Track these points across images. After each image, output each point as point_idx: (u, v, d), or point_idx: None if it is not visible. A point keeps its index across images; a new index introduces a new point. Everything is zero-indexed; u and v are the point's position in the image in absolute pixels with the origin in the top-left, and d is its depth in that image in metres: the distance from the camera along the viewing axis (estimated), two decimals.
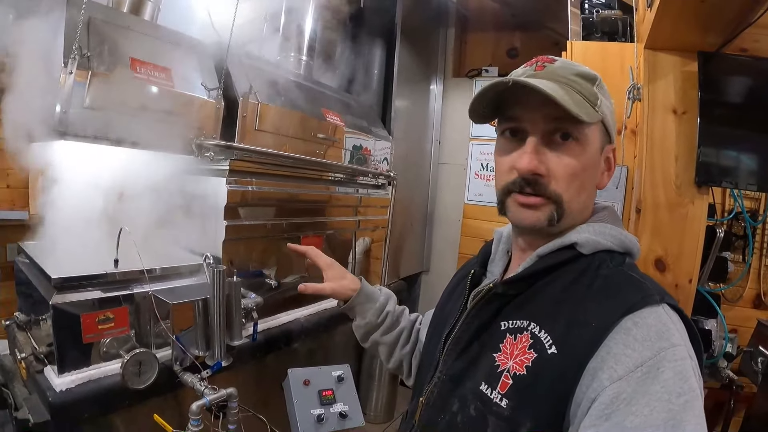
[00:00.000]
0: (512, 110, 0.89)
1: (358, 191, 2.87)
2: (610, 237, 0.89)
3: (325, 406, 1.50)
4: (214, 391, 1.55)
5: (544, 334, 0.80)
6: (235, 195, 2.00)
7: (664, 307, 0.77)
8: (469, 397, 0.87)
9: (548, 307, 0.84)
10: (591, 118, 0.83)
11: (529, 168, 0.85)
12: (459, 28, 4.21)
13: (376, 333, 1.35)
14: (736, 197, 2.73)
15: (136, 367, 1.53)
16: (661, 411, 0.66)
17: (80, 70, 1.53)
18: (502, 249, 1.07)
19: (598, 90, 0.88)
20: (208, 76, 1.94)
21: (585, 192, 0.91)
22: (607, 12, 2.26)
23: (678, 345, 0.72)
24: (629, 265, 0.88)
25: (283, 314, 2.31)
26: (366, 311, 1.35)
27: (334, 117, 2.56)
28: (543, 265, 0.88)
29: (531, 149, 0.86)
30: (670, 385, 0.68)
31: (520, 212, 0.90)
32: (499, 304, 0.91)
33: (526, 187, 0.87)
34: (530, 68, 0.89)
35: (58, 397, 1.45)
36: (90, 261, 1.67)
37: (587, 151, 0.88)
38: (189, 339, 1.66)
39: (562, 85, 0.84)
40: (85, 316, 1.52)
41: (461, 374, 0.92)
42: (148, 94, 1.71)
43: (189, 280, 1.82)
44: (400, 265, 3.71)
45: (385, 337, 1.35)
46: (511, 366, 0.82)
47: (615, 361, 0.71)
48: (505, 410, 0.80)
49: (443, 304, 1.18)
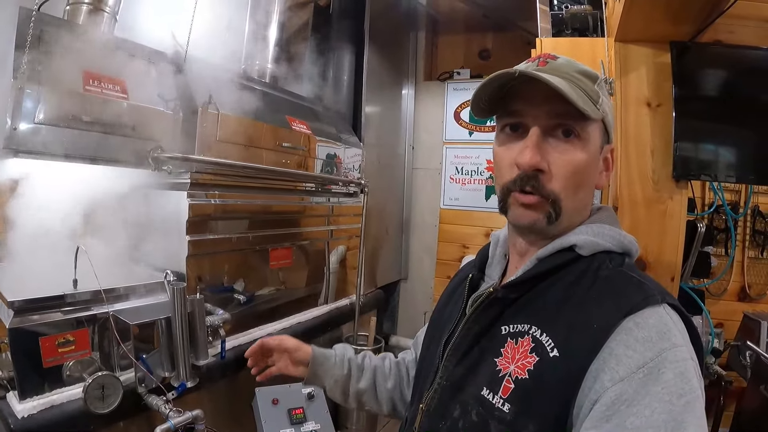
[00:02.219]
0: (514, 104, 0.89)
1: (329, 200, 2.84)
2: (609, 238, 0.89)
3: (296, 425, 1.48)
4: (179, 413, 1.51)
5: (546, 338, 0.80)
6: (198, 209, 1.94)
7: (665, 307, 0.77)
8: (471, 403, 0.87)
9: (549, 310, 0.84)
10: (595, 114, 0.84)
11: (531, 163, 0.85)
12: (429, 30, 4.20)
13: (351, 385, 1.32)
14: (716, 190, 2.74)
15: (99, 391, 1.47)
16: (662, 412, 0.66)
17: (31, 84, 1.49)
18: (499, 252, 1.07)
19: (599, 88, 0.88)
20: (166, 87, 1.89)
21: (583, 191, 0.91)
22: (576, 7, 2.24)
23: (679, 345, 0.72)
24: (629, 265, 0.89)
25: (255, 329, 2.25)
26: (328, 370, 1.33)
27: (300, 125, 2.52)
28: (543, 268, 0.88)
29: (533, 143, 0.85)
30: (671, 386, 0.68)
31: (519, 211, 0.89)
32: (499, 308, 0.91)
33: (527, 184, 0.86)
34: (533, 63, 0.89)
35: (19, 424, 1.39)
36: (49, 282, 1.61)
37: (588, 149, 0.88)
38: (154, 360, 1.62)
39: (567, 80, 0.84)
40: (44, 340, 1.47)
41: (462, 380, 0.91)
42: (102, 107, 1.66)
43: (152, 298, 1.76)
44: (377, 273, 3.67)
45: (361, 384, 1.32)
46: (513, 370, 0.82)
47: (616, 362, 0.71)
48: (508, 415, 0.80)
49: (441, 310, 1.17)
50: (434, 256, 4.01)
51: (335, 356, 1.35)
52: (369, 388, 1.32)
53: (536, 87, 0.82)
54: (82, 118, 1.59)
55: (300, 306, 2.59)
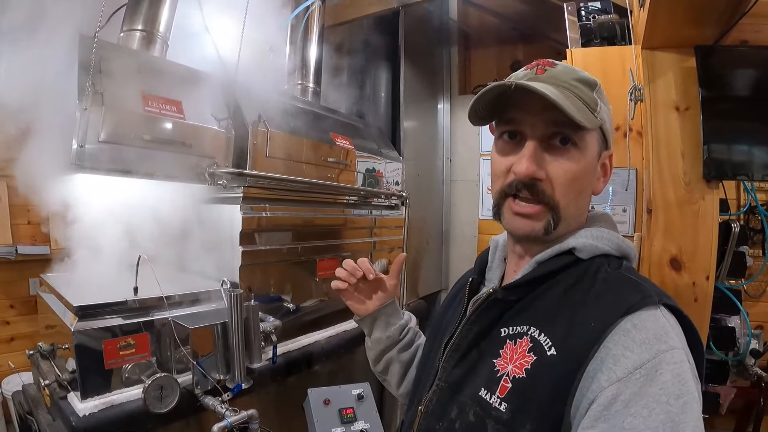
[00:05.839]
0: (511, 113, 0.90)
1: (371, 213, 2.89)
2: (608, 241, 0.90)
3: (346, 424, 1.50)
4: (235, 413, 1.57)
5: (544, 337, 0.81)
6: (250, 221, 2.03)
7: (661, 309, 0.78)
8: (468, 403, 0.87)
9: (548, 312, 0.84)
10: (592, 124, 0.84)
11: (528, 173, 0.85)
12: (462, 45, 4.27)
13: (394, 350, 1.29)
14: (749, 191, 2.69)
15: (158, 392, 1.55)
16: (659, 413, 0.67)
17: (94, 106, 1.58)
18: (498, 257, 1.07)
19: (598, 96, 0.88)
20: (218, 107, 1.99)
21: (581, 198, 0.91)
22: (603, 17, 2.27)
23: (676, 348, 0.73)
24: (627, 267, 0.89)
25: (303, 337, 2.32)
26: (388, 325, 1.29)
27: (343, 141, 2.60)
28: (542, 271, 0.89)
29: (530, 153, 0.86)
30: (668, 388, 0.68)
31: (514, 221, 0.90)
32: (498, 310, 0.91)
33: (523, 190, 0.87)
34: (531, 71, 0.90)
35: (81, 421, 1.47)
36: (110, 290, 1.70)
37: (586, 156, 0.88)
38: (209, 363, 1.69)
39: (563, 89, 0.84)
40: (106, 343, 1.55)
41: (460, 381, 0.92)
42: (160, 126, 1.76)
43: (207, 305, 1.84)
44: (419, 284, 3.71)
45: (402, 355, 1.29)
46: (511, 370, 0.83)
47: (614, 363, 0.72)
48: (504, 414, 0.80)
49: (442, 314, 1.17)
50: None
51: (402, 318, 1.32)
52: (405, 363, 1.29)
53: (532, 96, 0.82)
54: (143, 137, 1.69)
55: (344, 316, 2.62)
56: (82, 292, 1.71)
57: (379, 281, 1.29)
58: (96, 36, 1.64)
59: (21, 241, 2.88)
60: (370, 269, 1.26)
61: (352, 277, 1.26)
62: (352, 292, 1.29)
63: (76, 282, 1.86)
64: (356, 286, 1.28)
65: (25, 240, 2.89)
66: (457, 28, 4.12)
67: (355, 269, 1.25)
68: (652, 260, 1.92)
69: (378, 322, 1.30)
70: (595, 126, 0.86)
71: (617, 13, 2.27)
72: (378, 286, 1.30)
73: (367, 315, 1.29)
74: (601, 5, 2.36)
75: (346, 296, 1.30)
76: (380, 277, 1.29)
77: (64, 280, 1.92)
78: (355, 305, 1.31)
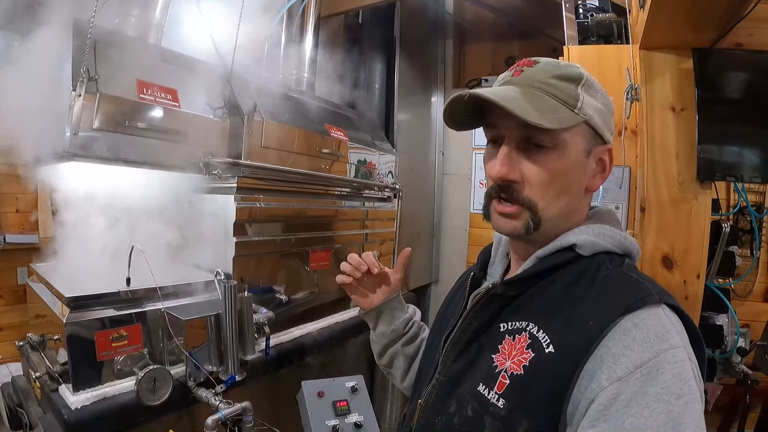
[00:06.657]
0: (490, 118, 0.89)
1: (364, 205, 2.89)
2: (610, 238, 0.89)
3: (340, 416, 1.49)
4: (228, 405, 1.56)
5: (543, 334, 0.80)
6: (244, 211, 2.01)
7: (663, 308, 0.77)
8: (467, 398, 0.87)
9: (547, 308, 0.83)
10: (559, 123, 0.81)
11: (499, 175, 0.86)
12: (457, 39, 4.25)
13: (398, 343, 1.29)
14: (740, 191, 2.72)
15: (151, 384, 1.54)
16: (660, 412, 0.66)
17: (88, 93, 1.55)
18: (501, 252, 1.07)
19: (583, 90, 0.85)
20: (213, 96, 1.97)
21: (566, 197, 0.88)
22: (601, 15, 2.28)
23: (677, 347, 0.72)
24: (628, 266, 0.88)
25: (294, 329, 2.32)
26: (393, 318, 1.29)
27: (337, 132, 2.59)
28: (542, 266, 0.88)
29: (501, 156, 0.86)
30: (669, 387, 0.68)
31: (498, 220, 0.90)
32: (498, 305, 0.91)
33: (501, 192, 0.88)
34: (509, 73, 0.89)
35: (73, 414, 1.46)
36: (102, 280, 1.69)
37: (567, 155, 0.85)
38: (202, 355, 1.68)
39: (534, 90, 0.83)
40: (99, 334, 1.54)
41: (459, 375, 0.92)
42: (155, 114, 1.74)
43: (201, 296, 1.83)
44: (409, 276, 3.71)
45: (407, 348, 1.29)
46: (509, 366, 0.82)
47: (614, 362, 0.71)
48: (502, 410, 0.80)
49: (444, 308, 1.17)
50: (464, 259, 4.04)
51: (406, 312, 1.32)
52: (410, 356, 1.29)
53: None
54: (137, 125, 1.67)
55: (334, 308, 2.64)
56: (72, 282, 1.69)
57: (384, 275, 1.29)
58: (92, 21, 1.60)
59: (9, 229, 2.83)
60: (375, 263, 1.25)
61: (356, 272, 1.25)
62: (356, 286, 1.29)
63: (66, 272, 1.84)
64: (360, 280, 1.28)
65: (13, 228, 2.84)
66: (452, 22, 4.10)
67: (360, 263, 1.25)
68: (644, 258, 1.93)
69: (383, 316, 1.29)
70: (569, 124, 0.83)
71: (615, 11, 2.28)
72: (382, 280, 1.29)
73: (372, 309, 1.29)
74: (598, 3, 2.36)
75: (351, 290, 1.29)
76: (384, 272, 1.28)
77: (53, 269, 1.90)
78: (359, 299, 1.30)
